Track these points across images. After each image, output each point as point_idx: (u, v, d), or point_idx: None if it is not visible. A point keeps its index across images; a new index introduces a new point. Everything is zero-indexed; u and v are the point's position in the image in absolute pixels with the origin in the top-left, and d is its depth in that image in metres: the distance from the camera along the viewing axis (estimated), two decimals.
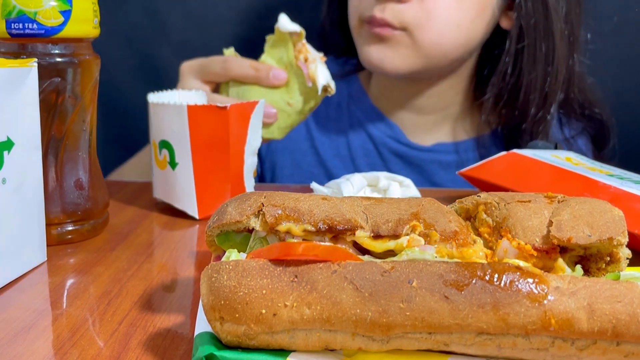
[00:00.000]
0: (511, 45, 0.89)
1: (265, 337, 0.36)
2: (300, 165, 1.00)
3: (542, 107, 0.90)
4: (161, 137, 0.68)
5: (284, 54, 0.75)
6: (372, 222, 0.39)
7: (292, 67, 0.75)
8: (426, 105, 0.97)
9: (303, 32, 0.75)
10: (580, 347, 0.35)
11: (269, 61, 0.76)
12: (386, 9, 0.83)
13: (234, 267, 0.36)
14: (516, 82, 0.90)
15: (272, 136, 0.78)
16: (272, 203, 0.39)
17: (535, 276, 0.35)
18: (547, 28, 0.87)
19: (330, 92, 0.74)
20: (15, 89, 0.50)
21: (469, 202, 0.43)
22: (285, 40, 0.75)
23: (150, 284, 0.51)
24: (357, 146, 0.99)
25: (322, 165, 1.00)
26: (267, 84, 0.75)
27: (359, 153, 0.99)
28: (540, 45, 0.88)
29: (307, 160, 1.00)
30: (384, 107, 1.00)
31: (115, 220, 0.67)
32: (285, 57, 0.75)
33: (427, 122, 0.99)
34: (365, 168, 0.97)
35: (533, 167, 0.68)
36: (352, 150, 0.99)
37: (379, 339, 0.36)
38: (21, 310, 0.46)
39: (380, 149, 0.98)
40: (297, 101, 0.76)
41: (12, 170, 0.50)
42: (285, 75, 0.75)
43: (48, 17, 0.54)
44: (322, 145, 1.00)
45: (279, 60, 0.76)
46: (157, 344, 0.41)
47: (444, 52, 0.86)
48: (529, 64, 0.89)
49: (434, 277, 0.35)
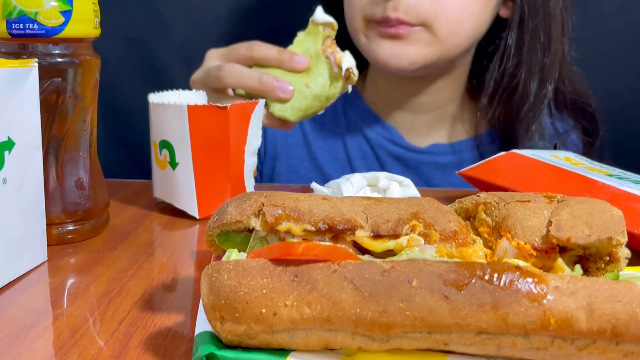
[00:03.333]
0: (511, 33, 0.90)
1: (266, 337, 0.36)
2: (297, 170, 1.00)
3: (539, 97, 0.91)
4: (161, 137, 0.68)
5: (312, 46, 0.77)
6: (372, 222, 0.39)
7: (318, 57, 0.77)
8: (424, 104, 0.97)
9: (336, 25, 0.77)
10: (580, 347, 0.35)
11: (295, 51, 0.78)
12: (399, 7, 0.83)
13: (234, 266, 0.36)
14: (514, 72, 0.91)
15: (285, 115, 0.78)
16: (272, 203, 0.39)
17: (535, 276, 0.35)
18: (547, 14, 0.89)
19: (352, 81, 0.75)
20: (16, 89, 0.50)
21: (469, 202, 0.43)
22: (317, 33, 0.77)
23: (150, 283, 0.51)
24: (353, 149, 0.99)
25: (319, 170, 1.00)
26: (288, 67, 0.76)
27: (356, 156, 0.99)
28: (540, 33, 0.89)
29: (303, 165, 1.00)
30: (380, 110, 1.00)
31: (115, 220, 0.67)
32: (313, 48, 0.77)
33: (424, 122, 0.99)
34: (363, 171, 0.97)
35: (533, 167, 0.68)
36: (349, 153, 1.00)
37: (379, 339, 0.36)
38: (22, 309, 0.46)
39: (377, 151, 0.99)
40: (316, 85, 0.77)
41: (12, 170, 0.50)
42: (307, 61, 0.76)
43: (49, 17, 0.54)
44: (318, 150, 1.00)
45: (305, 52, 0.78)
46: (157, 343, 0.41)
47: (459, 42, 0.87)
48: (529, 51, 0.90)
49: (433, 276, 0.35)
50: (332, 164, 1.00)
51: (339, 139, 1.00)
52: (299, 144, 1.01)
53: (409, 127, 0.99)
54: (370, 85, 1.01)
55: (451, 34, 0.85)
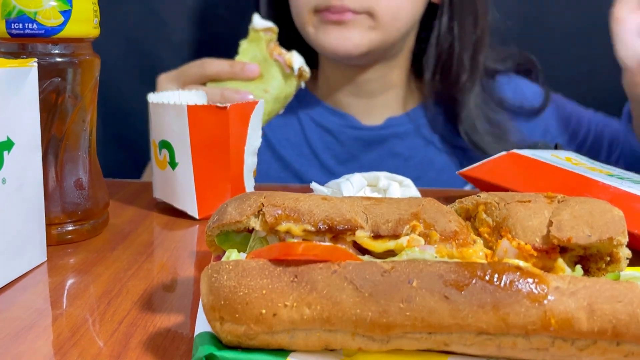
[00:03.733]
0: (443, 16, 1.00)
1: (265, 337, 0.36)
2: (268, 173, 1.04)
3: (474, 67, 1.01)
4: (161, 137, 0.68)
5: (257, 52, 0.81)
6: (372, 222, 0.39)
7: (267, 61, 0.80)
8: (374, 89, 1.04)
9: (276, 29, 0.81)
10: (580, 347, 0.35)
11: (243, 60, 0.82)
12: None
13: (234, 267, 0.36)
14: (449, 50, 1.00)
15: None
16: (272, 203, 0.39)
17: (535, 276, 0.35)
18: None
19: (305, 77, 0.80)
20: (15, 89, 0.50)
21: (469, 202, 0.43)
22: (259, 39, 0.81)
23: (150, 283, 0.51)
24: (316, 141, 1.05)
25: (288, 169, 1.05)
26: (242, 77, 0.80)
27: (320, 147, 1.05)
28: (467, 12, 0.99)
29: (273, 167, 1.06)
30: (334, 101, 1.07)
31: (115, 220, 0.67)
32: (259, 54, 0.81)
33: (377, 104, 1.06)
34: (330, 160, 1.03)
35: (533, 167, 0.68)
36: (313, 146, 1.05)
37: (379, 339, 0.36)
38: (21, 310, 0.46)
39: (339, 138, 1.05)
40: (273, 88, 0.80)
41: (12, 170, 0.50)
42: (258, 68, 0.80)
43: (48, 17, 0.54)
44: (283, 149, 1.06)
45: (252, 59, 0.82)
46: (157, 343, 0.41)
47: (399, 27, 0.95)
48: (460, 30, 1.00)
49: (434, 277, 0.35)
50: (299, 159, 1.05)
51: (300, 136, 1.06)
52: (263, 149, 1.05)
53: (364, 111, 1.06)
54: (322, 79, 1.07)
55: (392, 19, 0.93)
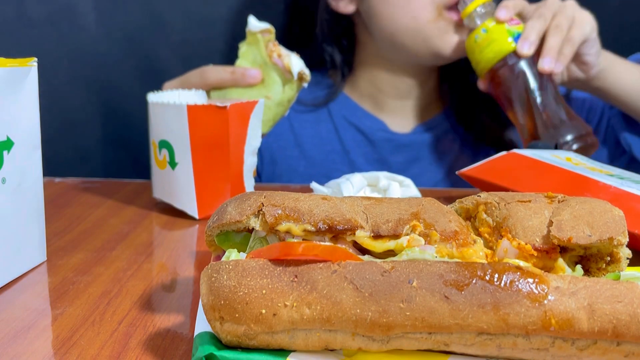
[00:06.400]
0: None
1: (265, 337, 0.36)
2: (296, 169, 1.04)
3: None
4: (161, 137, 0.68)
5: (257, 54, 0.79)
6: (372, 222, 0.39)
7: (267, 65, 0.78)
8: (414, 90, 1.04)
9: (273, 29, 0.79)
10: (581, 347, 0.35)
11: (243, 64, 0.80)
12: None
13: (233, 267, 0.36)
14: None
15: None
16: (272, 203, 0.39)
17: (536, 276, 0.35)
18: None
19: (306, 80, 0.78)
20: (15, 89, 0.50)
21: (469, 202, 0.43)
22: (257, 41, 0.79)
23: (150, 283, 0.51)
24: (348, 139, 1.04)
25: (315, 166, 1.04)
26: (244, 84, 0.79)
27: (351, 145, 1.04)
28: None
29: (302, 164, 1.04)
30: (369, 106, 1.06)
31: (115, 220, 0.67)
32: (259, 57, 0.79)
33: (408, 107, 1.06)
34: (359, 158, 1.03)
35: (533, 167, 0.68)
36: (345, 143, 1.04)
37: (379, 339, 0.36)
38: (21, 310, 0.46)
39: (371, 138, 1.05)
40: (275, 93, 0.79)
41: (12, 169, 0.50)
42: (259, 73, 0.79)
43: None
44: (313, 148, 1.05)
45: (252, 62, 0.80)
46: (157, 343, 0.41)
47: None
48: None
49: (434, 277, 0.35)
50: (330, 156, 1.04)
51: (333, 133, 1.05)
52: (292, 146, 1.05)
53: (395, 116, 1.06)
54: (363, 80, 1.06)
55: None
